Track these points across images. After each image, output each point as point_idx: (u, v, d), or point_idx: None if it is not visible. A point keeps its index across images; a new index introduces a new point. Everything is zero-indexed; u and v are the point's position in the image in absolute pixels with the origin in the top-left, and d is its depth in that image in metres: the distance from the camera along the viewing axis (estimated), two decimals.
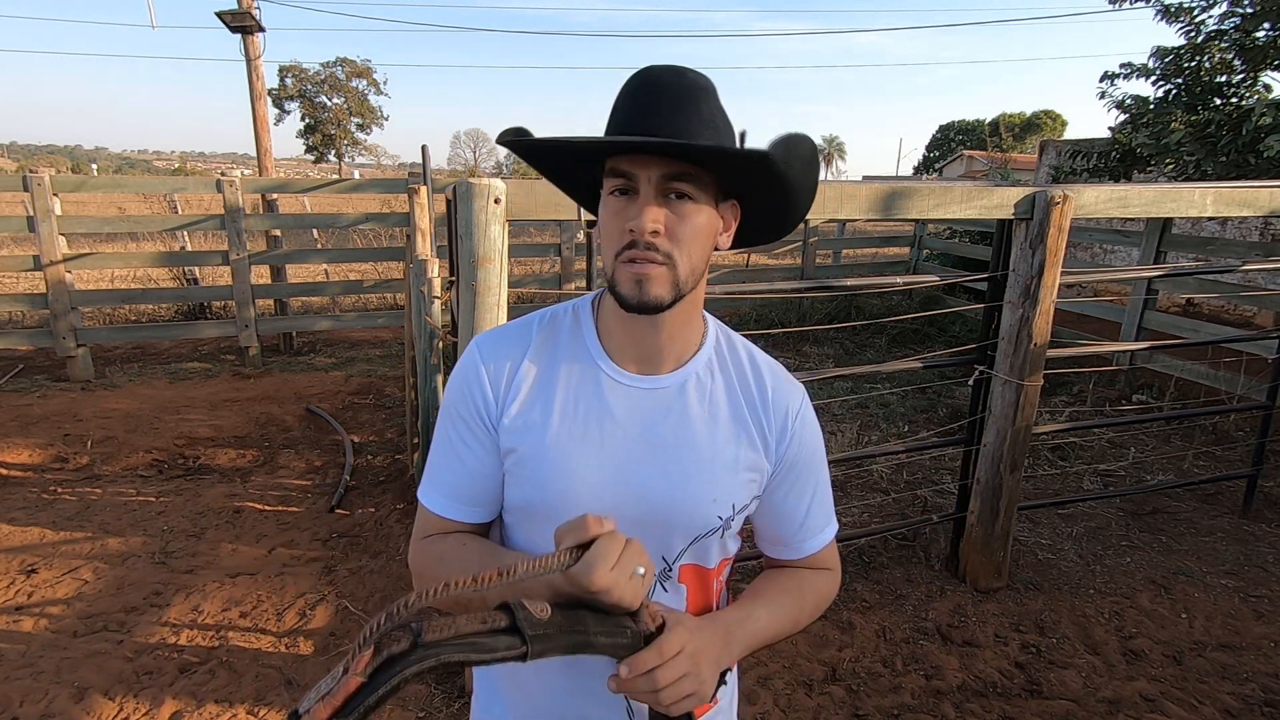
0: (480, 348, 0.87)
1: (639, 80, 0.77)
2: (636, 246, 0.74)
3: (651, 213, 0.74)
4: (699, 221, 0.76)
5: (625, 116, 0.76)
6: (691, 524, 0.84)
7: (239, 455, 4.25)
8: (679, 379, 0.85)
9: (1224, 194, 2.89)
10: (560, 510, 0.79)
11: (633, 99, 0.76)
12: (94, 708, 2.20)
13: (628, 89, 0.77)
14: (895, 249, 9.92)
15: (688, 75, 0.76)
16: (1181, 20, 6.32)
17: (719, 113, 0.78)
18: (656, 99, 0.75)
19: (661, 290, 0.76)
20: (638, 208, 0.74)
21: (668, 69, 0.77)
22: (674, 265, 0.75)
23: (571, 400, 0.83)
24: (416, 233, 5.87)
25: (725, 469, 0.84)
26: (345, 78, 47.86)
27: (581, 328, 0.87)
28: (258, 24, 10.56)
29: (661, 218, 0.74)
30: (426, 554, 0.86)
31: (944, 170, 32.42)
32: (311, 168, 69.77)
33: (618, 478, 0.82)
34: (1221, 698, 2.34)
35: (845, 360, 6.45)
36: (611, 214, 0.76)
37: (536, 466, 0.82)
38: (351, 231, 10.69)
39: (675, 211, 0.75)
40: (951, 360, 3.15)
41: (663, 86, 0.75)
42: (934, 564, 3.10)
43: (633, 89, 0.77)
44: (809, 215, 0.98)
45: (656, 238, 0.74)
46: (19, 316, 7.06)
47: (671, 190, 0.74)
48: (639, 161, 0.74)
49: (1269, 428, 3.60)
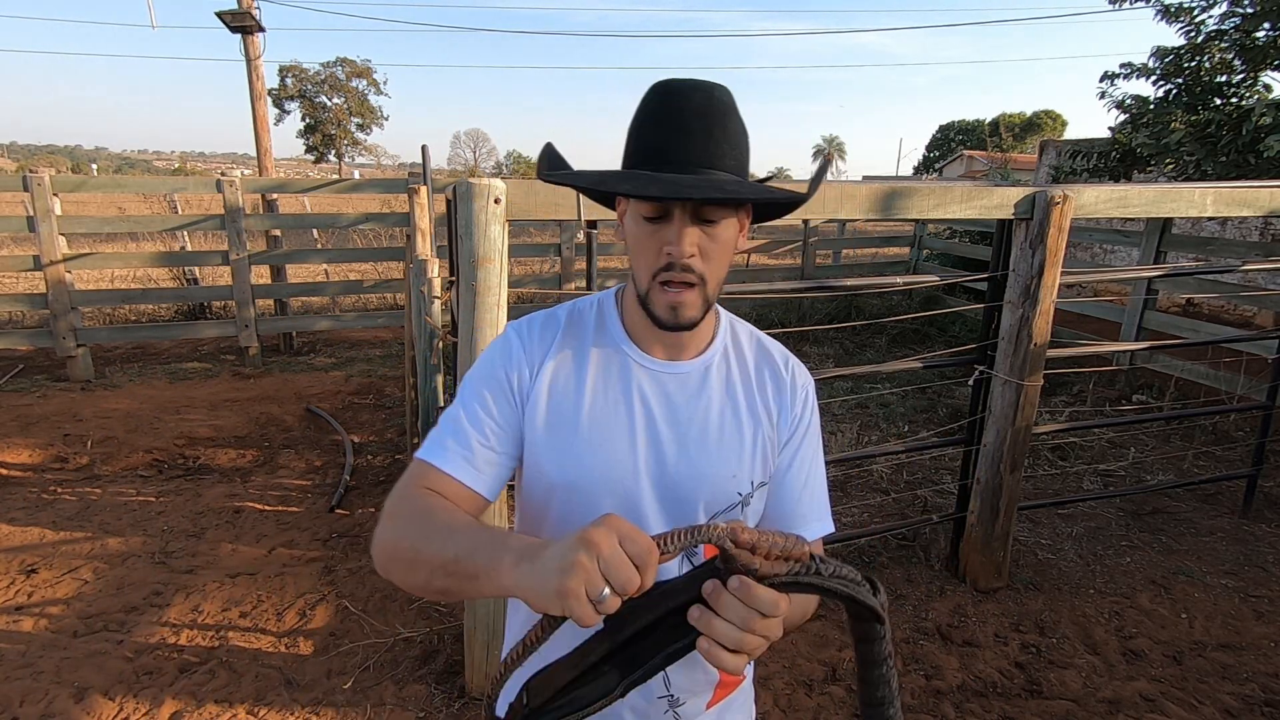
0: (515, 328, 0.91)
1: (668, 101, 0.77)
2: (673, 269, 0.78)
3: (690, 236, 0.77)
4: (728, 237, 0.80)
5: (658, 143, 0.76)
6: (714, 499, 0.87)
7: (239, 455, 4.25)
8: (702, 364, 0.90)
9: (1224, 194, 2.89)
10: (598, 485, 0.84)
11: (664, 125, 0.76)
12: (94, 708, 2.20)
13: (656, 110, 0.77)
14: (895, 249, 9.92)
15: (715, 95, 0.78)
16: (1181, 20, 6.32)
17: (742, 129, 0.80)
18: (688, 126, 0.76)
19: (694, 313, 0.81)
20: (675, 231, 0.77)
21: (695, 88, 0.77)
22: (705, 284, 0.80)
23: (601, 381, 0.88)
24: (416, 233, 5.86)
25: (743, 446, 0.88)
26: (345, 78, 47.85)
27: (606, 319, 0.92)
28: (258, 24, 10.56)
29: (697, 239, 0.78)
30: (415, 501, 0.80)
31: (944, 170, 32.41)
32: (311, 168, 69.75)
33: (647, 454, 0.85)
34: (1221, 698, 2.34)
35: (845, 360, 6.45)
36: (647, 234, 0.79)
37: (570, 442, 0.85)
38: (351, 231, 10.69)
39: (707, 233, 0.78)
40: (951, 360, 3.15)
41: (693, 111, 0.76)
42: (934, 564, 3.10)
43: (662, 112, 0.77)
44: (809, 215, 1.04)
45: (693, 260, 0.78)
46: (19, 316, 7.06)
47: (702, 215, 0.77)
48: None
49: (1269, 428, 3.60)
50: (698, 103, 0.76)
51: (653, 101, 0.78)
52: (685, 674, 0.88)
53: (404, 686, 2.34)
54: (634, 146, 0.79)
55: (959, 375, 5.00)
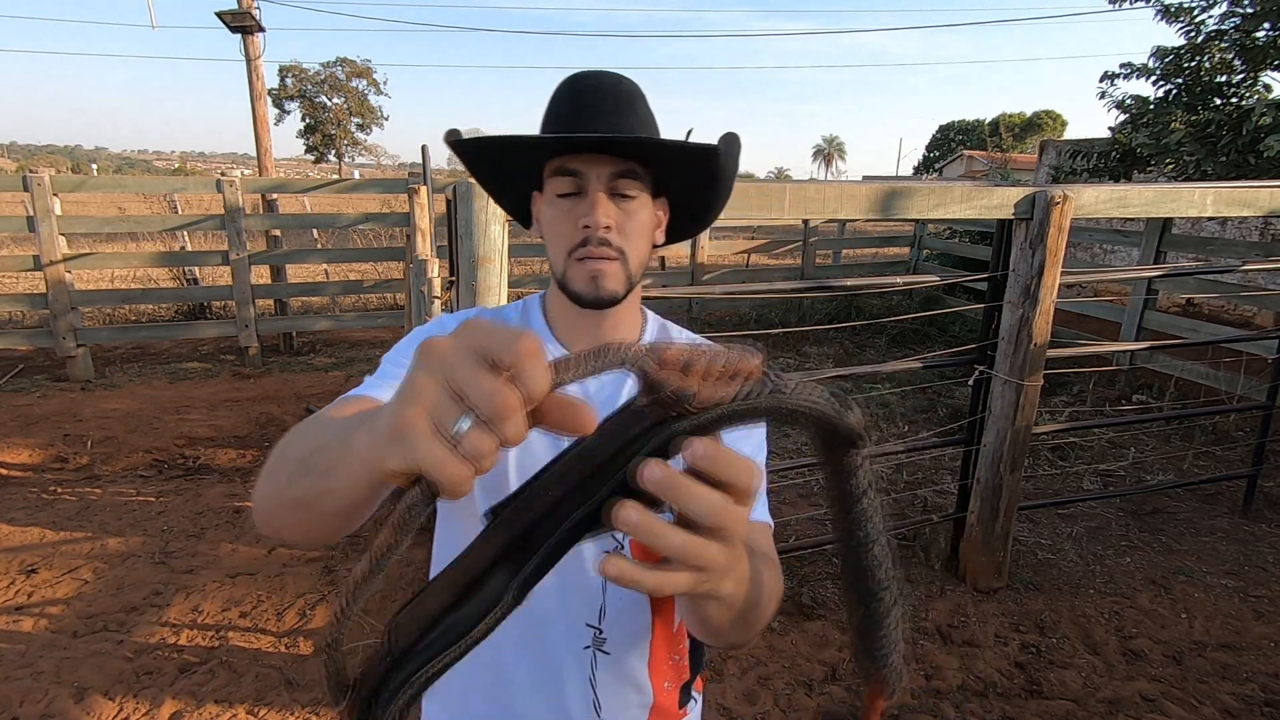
0: (450, 318, 0.91)
1: (578, 83, 0.79)
2: (590, 243, 0.76)
3: (605, 206, 0.76)
4: (644, 217, 0.79)
5: (572, 117, 0.77)
6: None
7: (239, 455, 4.25)
8: None
9: (1224, 194, 2.89)
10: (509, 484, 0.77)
11: (576, 100, 0.78)
12: (94, 708, 2.20)
13: (567, 91, 0.79)
14: (895, 249, 9.91)
15: (624, 80, 0.80)
16: (1181, 20, 6.32)
17: (652, 115, 0.82)
18: (600, 99, 0.78)
19: (616, 285, 0.78)
20: (589, 204, 0.76)
21: (604, 72, 0.80)
22: (625, 260, 0.78)
23: None
24: (416, 233, 5.86)
25: None
26: (345, 78, 47.83)
27: (530, 317, 0.90)
28: (258, 24, 10.56)
29: (613, 213, 0.76)
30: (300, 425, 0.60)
31: (944, 170, 32.42)
32: (311, 168, 69.76)
33: None
34: (1221, 698, 2.34)
35: (845, 360, 6.44)
36: (561, 213, 0.78)
37: None
38: (351, 231, 10.68)
39: (622, 209, 0.77)
40: (951, 360, 3.15)
41: (605, 89, 0.78)
42: (934, 564, 3.10)
43: (574, 91, 0.79)
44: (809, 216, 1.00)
45: (609, 233, 0.76)
46: (19, 316, 7.06)
47: (618, 190, 0.77)
48: (590, 160, 0.75)
49: (1269, 428, 3.60)
50: (608, 84, 0.79)
51: (562, 88, 0.80)
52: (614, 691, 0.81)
53: None
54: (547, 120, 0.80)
55: (959, 375, 5.00)
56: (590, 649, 0.81)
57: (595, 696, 0.81)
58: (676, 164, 0.79)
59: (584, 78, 0.80)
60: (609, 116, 0.77)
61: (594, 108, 0.77)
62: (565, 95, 0.79)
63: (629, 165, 0.76)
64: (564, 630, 0.80)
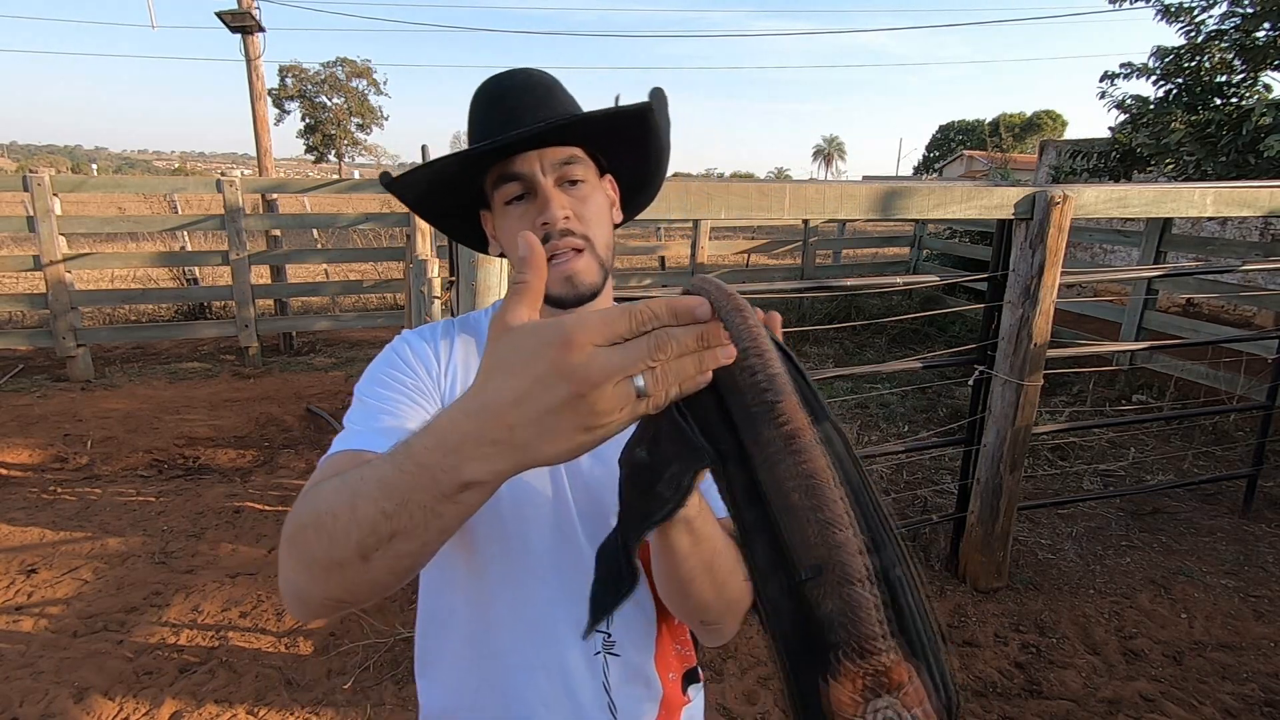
0: (407, 335, 0.86)
1: (493, 90, 0.78)
2: (553, 238, 0.74)
3: (559, 199, 0.75)
4: (599, 200, 0.79)
5: (497, 125, 0.76)
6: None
7: (239, 455, 4.25)
8: None
9: (1224, 194, 2.89)
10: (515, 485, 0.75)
11: (496, 106, 0.77)
12: (94, 708, 2.20)
13: (484, 100, 0.78)
14: (895, 249, 9.92)
15: (535, 73, 0.80)
16: (1181, 20, 6.32)
17: (573, 99, 0.81)
18: (519, 99, 0.77)
19: (592, 277, 0.77)
20: (542, 201, 0.75)
21: (512, 72, 0.80)
22: (593, 246, 0.77)
23: None
24: (416, 233, 5.86)
25: None
26: (345, 78, 47.82)
27: (480, 334, 0.87)
28: (258, 24, 10.56)
29: (568, 203, 0.75)
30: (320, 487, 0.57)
31: (944, 170, 32.42)
32: (311, 168, 69.77)
33: None
34: (1221, 698, 2.34)
35: (845, 360, 6.45)
36: (515, 219, 0.77)
37: None
38: (351, 231, 10.67)
39: (575, 195, 0.76)
40: (951, 360, 3.15)
41: (519, 88, 0.78)
42: (934, 564, 3.10)
43: (491, 98, 0.78)
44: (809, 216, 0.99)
45: (569, 222, 0.75)
46: (19, 316, 7.05)
47: (565, 178, 0.76)
48: (529, 158, 0.74)
49: (1269, 428, 3.60)
50: (520, 81, 0.78)
51: (478, 99, 0.79)
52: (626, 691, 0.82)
53: (404, 686, 2.34)
54: (474, 135, 0.79)
55: (959, 375, 5.00)
56: (600, 654, 0.81)
57: (610, 699, 0.82)
58: (615, 134, 0.77)
59: (496, 83, 0.79)
60: (533, 111, 0.76)
61: (514, 109, 0.76)
62: (484, 104, 0.78)
63: (569, 151, 0.75)
64: (575, 640, 0.80)
